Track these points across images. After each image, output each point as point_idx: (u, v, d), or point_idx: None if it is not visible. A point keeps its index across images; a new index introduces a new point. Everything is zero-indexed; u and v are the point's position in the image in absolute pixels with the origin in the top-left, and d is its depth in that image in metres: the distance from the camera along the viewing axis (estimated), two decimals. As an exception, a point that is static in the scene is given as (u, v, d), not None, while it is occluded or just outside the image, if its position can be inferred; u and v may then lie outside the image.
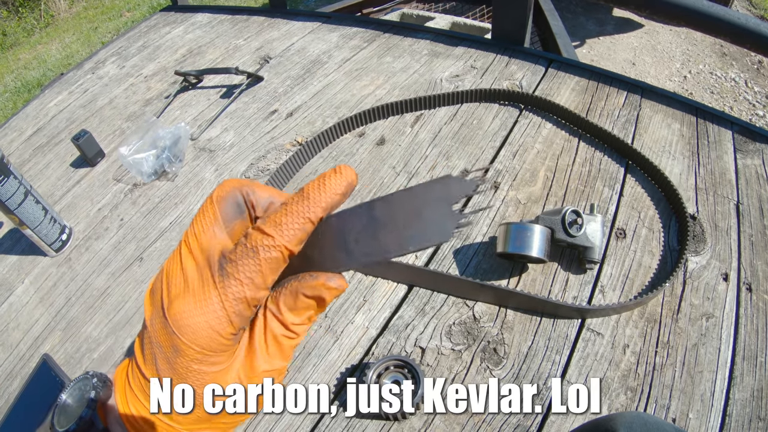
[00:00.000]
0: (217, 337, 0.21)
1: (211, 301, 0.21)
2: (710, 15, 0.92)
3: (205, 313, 0.21)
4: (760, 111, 2.36)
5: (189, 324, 0.21)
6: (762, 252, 0.74)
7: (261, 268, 0.21)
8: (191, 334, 0.21)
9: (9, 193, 0.79)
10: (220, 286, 0.21)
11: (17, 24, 4.15)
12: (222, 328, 0.21)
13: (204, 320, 0.21)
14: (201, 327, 0.21)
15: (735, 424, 0.57)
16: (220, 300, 0.21)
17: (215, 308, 0.21)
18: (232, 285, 0.21)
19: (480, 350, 0.65)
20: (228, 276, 0.22)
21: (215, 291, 0.21)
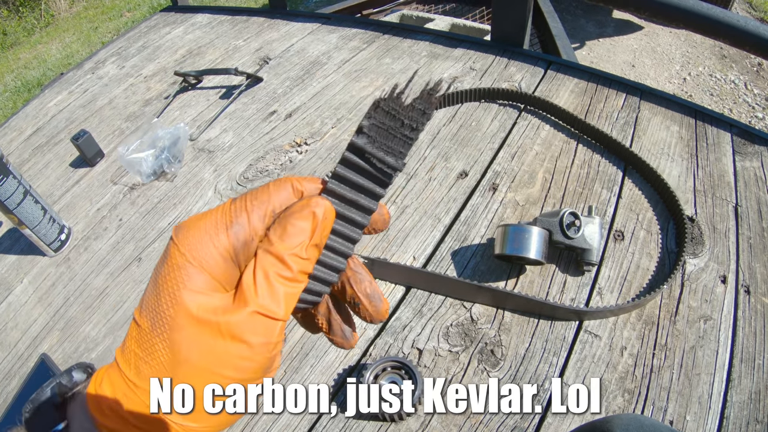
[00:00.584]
0: (212, 249, 0.21)
1: (212, 213, 0.22)
2: (710, 17, 0.92)
3: (203, 218, 0.22)
4: (759, 113, 2.36)
5: (188, 234, 0.21)
6: (760, 254, 0.74)
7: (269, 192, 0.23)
8: (188, 239, 0.21)
9: (8, 193, 0.79)
10: (225, 205, 0.23)
11: (17, 23, 4.15)
12: (217, 237, 0.21)
13: (202, 224, 0.21)
14: (197, 233, 0.21)
15: (732, 426, 0.57)
16: (221, 209, 0.22)
17: (214, 215, 0.22)
18: (236, 202, 0.22)
19: (477, 352, 0.65)
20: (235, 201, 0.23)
21: (219, 208, 0.22)
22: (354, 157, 0.22)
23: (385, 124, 0.22)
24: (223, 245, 0.21)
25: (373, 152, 0.22)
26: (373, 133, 0.22)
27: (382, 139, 0.22)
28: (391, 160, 0.22)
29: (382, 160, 0.22)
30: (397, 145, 0.22)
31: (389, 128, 0.22)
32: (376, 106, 0.22)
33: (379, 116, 0.22)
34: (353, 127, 1.05)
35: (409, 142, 0.22)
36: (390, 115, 0.22)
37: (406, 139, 0.22)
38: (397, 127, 0.22)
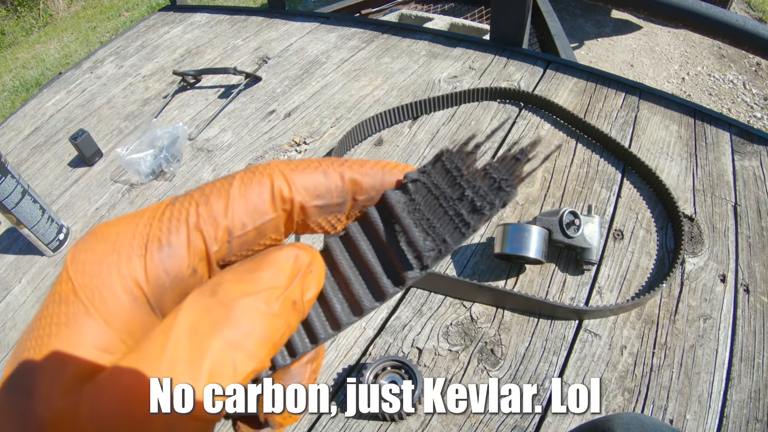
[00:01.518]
0: (115, 281, 0.13)
1: (133, 217, 0.14)
2: (709, 17, 0.92)
3: (119, 226, 0.14)
4: (758, 113, 2.36)
5: (87, 252, 0.13)
6: (759, 253, 0.74)
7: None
8: (84, 261, 0.13)
9: (6, 192, 0.79)
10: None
11: (16, 23, 4.14)
12: (128, 262, 0.13)
13: (112, 237, 0.14)
14: (100, 253, 0.13)
15: (732, 425, 0.57)
16: (147, 213, 0.14)
17: (133, 224, 0.14)
18: (174, 204, 0.14)
19: (477, 351, 0.65)
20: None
21: (147, 210, 0.15)
22: (377, 217, 0.16)
23: (438, 189, 0.15)
24: (133, 277, 0.13)
25: (405, 225, 0.15)
26: (418, 196, 0.15)
27: (427, 208, 0.15)
28: (423, 245, 0.15)
29: (412, 241, 0.15)
30: (442, 226, 0.15)
31: (441, 196, 0.15)
32: (437, 158, 0.16)
33: (436, 174, 0.15)
34: (353, 126, 1.05)
35: (461, 229, 0.15)
36: (450, 177, 0.15)
37: (459, 224, 0.15)
38: (452, 199, 0.15)
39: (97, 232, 0.14)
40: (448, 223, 0.15)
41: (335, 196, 0.15)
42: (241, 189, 0.14)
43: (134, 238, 0.13)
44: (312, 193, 0.15)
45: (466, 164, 0.15)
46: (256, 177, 0.14)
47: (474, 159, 0.15)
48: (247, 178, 0.14)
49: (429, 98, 1.02)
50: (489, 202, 0.14)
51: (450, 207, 0.15)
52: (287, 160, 0.15)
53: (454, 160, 0.15)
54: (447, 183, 0.15)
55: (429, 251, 0.15)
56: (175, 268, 0.13)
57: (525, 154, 0.15)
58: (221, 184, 0.14)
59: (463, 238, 0.15)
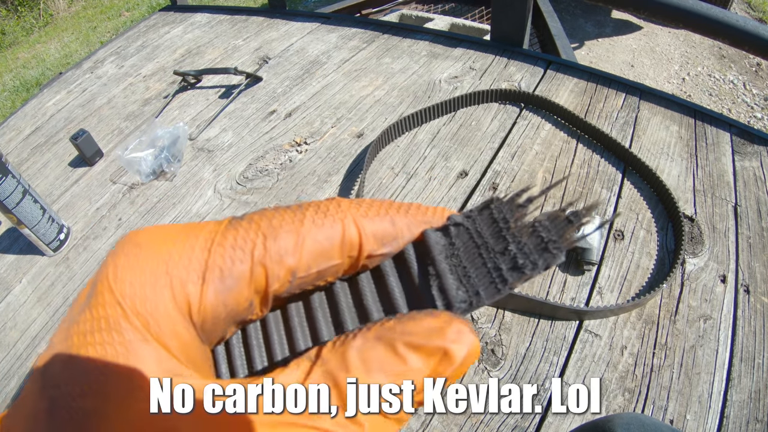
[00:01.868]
0: (169, 305, 0.12)
1: (188, 234, 0.13)
2: (709, 17, 0.92)
3: (169, 243, 0.13)
4: (758, 113, 2.36)
5: (134, 270, 0.13)
6: (760, 254, 0.74)
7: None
8: (132, 280, 0.12)
9: (7, 192, 0.79)
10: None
11: (16, 23, 4.14)
12: (184, 287, 0.12)
13: (163, 256, 0.13)
14: (150, 273, 0.12)
15: (732, 425, 0.57)
16: (204, 234, 0.13)
17: (190, 244, 0.13)
18: (237, 228, 0.13)
19: (478, 351, 0.65)
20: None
21: (203, 229, 0.14)
22: (412, 255, 0.15)
23: (481, 237, 0.14)
24: (188, 305, 0.12)
25: (440, 269, 0.14)
26: (458, 241, 0.14)
27: (466, 255, 0.14)
28: (455, 294, 0.14)
29: (445, 288, 0.14)
30: (478, 277, 0.14)
31: (483, 246, 0.14)
32: (486, 205, 0.15)
33: (481, 221, 0.15)
34: (353, 126, 1.05)
35: (497, 284, 0.14)
36: (495, 227, 0.14)
37: (496, 279, 0.14)
38: (493, 251, 0.14)
39: (143, 246, 0.13)
40: (485, 276, 0.14)
41: (400, 245, 0.15)
42: (312, 231, 0.13)
43: (190, 262, 0.13)
44: (380, 242, 0.14)
45: (514, 217, 0.14)
46: (328, 220, 0.14)
47: (524, 213, 0.14)
48: (318, 219, 0.14)
49: (458, 97, 1.02)
50: (532, 261, 0.13)
51: (490, 259, 0.14)
52: (356, 202, 0.15)
53: (503, 210, 0.14)
54: (491, 233, 0.14)
55: (460, 302, 0.14)
56: (234, 301, 0.13)
57: (579, 218, 0.13)
58: (291, 218, 0.14)
59: (497, 294, 0.14)
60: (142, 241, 0.13)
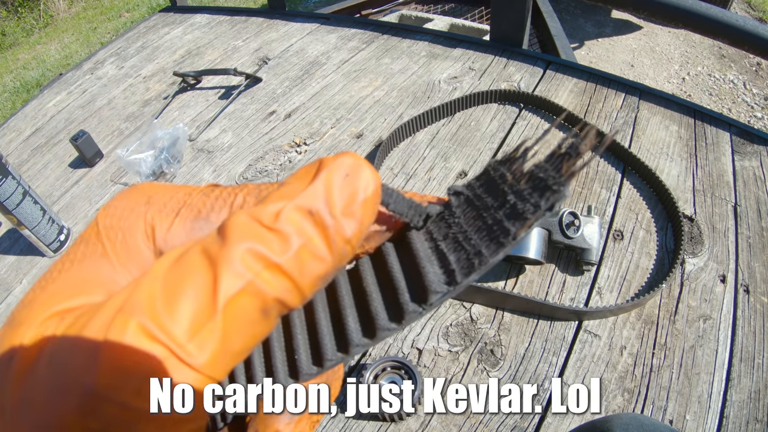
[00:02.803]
0: (139, 225, 0.13)
1: (184, 188, 0.14)
2: (709, 17, 0.92)
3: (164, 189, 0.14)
4: (758, 113, 2.36)
5: (124, 200, 0.14)
6: (759, 254, 0.74)
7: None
8: (118, 206, 0.14)
9: (7, 194, 0.79)
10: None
11: (16, 24, 4.15)
12: (161, 215, 0.13)
13: (153, 193, 0.14)
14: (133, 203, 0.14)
15: (732, 425, 0.57)
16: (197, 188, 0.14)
17: (181, 191, 0.14)
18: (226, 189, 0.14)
19: (477, 352, 0.65)
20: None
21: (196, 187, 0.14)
22: (413, 235, 0.14)
23: (481, 199, 0.14)
24: (155, 231, 0.13)
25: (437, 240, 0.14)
26: (459, 210, 0.14)
27: (467, 221, 0.14)
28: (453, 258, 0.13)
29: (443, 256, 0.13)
30: (481, 236, 0.13)
31: (483, 207, 0.13)
32: (484, 170, 0.14)
33: (480, 186, 0.14)
34: (352, 126, 1.05)
35: (499, 238, 0.13)
36: (493, 186, 0.14)
37: (497, 232, 0.13)
38: (493, 207, 0.13)
39: (136, 187, 0.14)
40: (486, 234, 0.13)
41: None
42: (297, 182, 0.13)
43: (171, 198, 0.13)
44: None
45: (512, 170, 0.13)
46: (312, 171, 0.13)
47: (521, 164, 0.13)
48: (305, 173, 0.13)
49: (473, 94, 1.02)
50: (533, 203, 0.12)
51: (490, 216, 0.13)
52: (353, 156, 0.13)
53: (501, 169, 0.13)
54: (490, 193, 0.13)
55: (462, 266, 0.13)
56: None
57: (576, 149, 0.12)
58: (278, 185, 0.13)
59: (501, 248, 0.12)
60: (137, 186, 0.14)
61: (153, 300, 0.10)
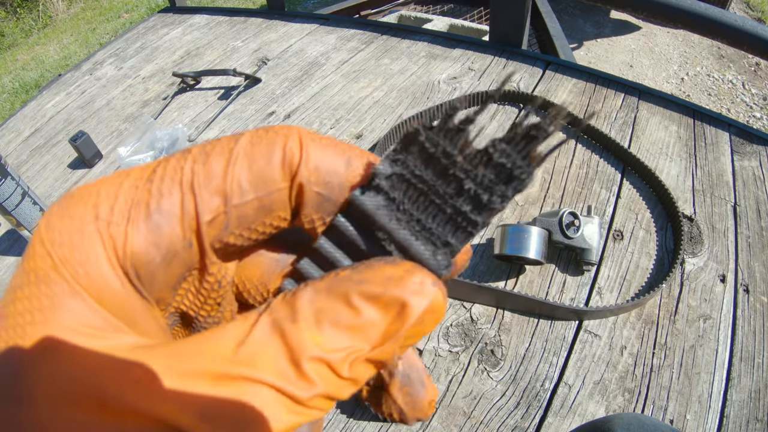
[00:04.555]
0: (98, 252, 0.11)
1: (119, 177, 0.12)
2: (707, 17, 0.92)
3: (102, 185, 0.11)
4: (757, 113, 2.36)
5: (63, 218, 0.11)
6: (759, 253, 0.74)
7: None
8: (60, 227, 0.11)
9: (6, 195, 0.79)
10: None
11: (15, 25, 4.14)
12: (113, 230, 0.11)
13: (92, 200, 0.11)
14: (77, 219, 0.11)
15: (732, 425, 0.57)
16: (134, 173, 0.12)
17: (118, 182, 0.11)
18: (164, 165, 0.12)
19: (477, 352, 0.65)
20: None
21: (134, 171, 0.12)
22: (349, 227, 0.12)
23: (424, 181, 0.12)
24: (116, 250, 0.11)
25: (390, 230, 0.12)
26: (397, 193, 0.12)
27: (415, 207, 0.12)
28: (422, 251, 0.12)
29: (403, 247, 0.12)
30: (442, 225, 0.12)
31: (431, 191, 0.12)
32: (412, 139, 0.12)
33: (414, 161, 0.12)
34: (351, 128, 1.05)
35: (467, 228, 0.12)
36: (437, 165, 0.12)
37: (462, 223, 0.12)
38: (447, 194, 0.12)
39: (75, 194, 0.11)
40: (448, 223, 0.12)
41: (345, 193, 0.12)
42: (246, 148, 0.11)
43: (116, 200, 0.11)
44: (321, 179, 0.12)
45: (457, 147, 0.11)
46: (269, 136, 0.12)
47: (467, 139, 0.11)
48: (257, 137, 0.12)
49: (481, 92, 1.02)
50: (499, 194, 0.11)
51: (447, 204, 0.11)
52: (313, 132, 0.12)
53: (440, 143, 0.11)
54: (435, 173, 0.11)
55: (430, 257, 0.11)
56: (167, 241, 0.11)
57: (543, 130, 0.11)
58: (227, 140, 0.12)
59: (470, 237, 0.12)
60: (76, 190, 0.11)
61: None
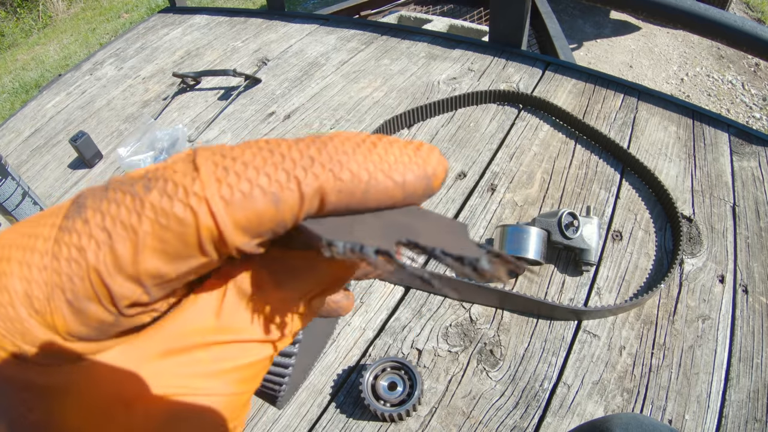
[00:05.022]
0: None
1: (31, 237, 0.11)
2: (707, 18, 0.92)
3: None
4: (756, 113, 2.36)
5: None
6: (758, 254, 0.74)
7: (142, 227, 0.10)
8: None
9: (7, 194, 0.79)
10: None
11: (15, 24, 4.14)
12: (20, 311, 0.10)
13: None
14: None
15: (731, 425, 0.57)
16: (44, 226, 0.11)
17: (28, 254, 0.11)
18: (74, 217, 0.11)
19: (477, 352, 0.65)
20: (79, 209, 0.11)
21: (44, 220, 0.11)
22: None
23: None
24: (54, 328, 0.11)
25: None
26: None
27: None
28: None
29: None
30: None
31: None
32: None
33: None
34: (352, 128, 1.05)
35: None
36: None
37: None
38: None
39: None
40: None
41: (287, 225, 0.11)
42: (155, 230, 0.10)
43: (30, 285, 0.11)
44: (252, 232, 0.11)
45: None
46: (176, 215, 0.10)
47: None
48: (163, 216, 0.10)
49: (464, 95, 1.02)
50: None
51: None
52: (224, 164, 0.11)
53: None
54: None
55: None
56: (96, 320, 0.11)
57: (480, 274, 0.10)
58: (127, 206, 0.10)
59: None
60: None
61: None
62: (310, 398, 0.63)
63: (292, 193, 0.11)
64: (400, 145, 0.12)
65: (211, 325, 0.12)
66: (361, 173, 0.11)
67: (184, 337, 0.12)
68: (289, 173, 0.11)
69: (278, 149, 0.11)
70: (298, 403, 0.62)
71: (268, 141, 0.11)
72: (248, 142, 0.11)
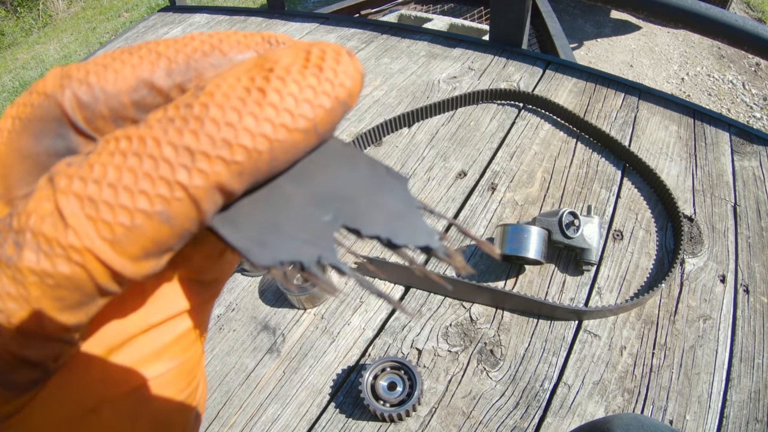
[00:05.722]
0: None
1: None
2: (708, 17, 0.92)
3: None
4: (757, 113, 2.36)
5: None
6: (759, 254, 0.74)
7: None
8: None
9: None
10: None
11: (15, 24, 4.14)
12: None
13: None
14: None
15: (732, 425, 0.57)
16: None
17: None
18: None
19: (477, 352, 0.65)
20: None
21: None
22: None
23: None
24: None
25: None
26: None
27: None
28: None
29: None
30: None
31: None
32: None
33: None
34: (351, 127, 1.05)
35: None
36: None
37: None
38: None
39: None
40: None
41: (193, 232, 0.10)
42: (46, 299, 0.09)
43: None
44: (154, 254, 0.10)
45: None
46: (60, 278, 0.09)
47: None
48: (49, 280, 0.09)
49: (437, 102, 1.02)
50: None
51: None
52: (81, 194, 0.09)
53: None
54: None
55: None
56: (29, 382, 0.10)
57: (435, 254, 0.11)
58: (12, 287, 0.09)
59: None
60: None
61: None
62: (310, 398, 0.62)
63: (182, 204, 0.09)
64: (296, 74, 0.10)
65: (140, 312, 0.12)
66: (258, 144, 0.09)
67: (119, 332, 0.12)
68: (170, 181, 0.09)
69: (144, 150, 0.09)
70: (297, 403, 0.62)
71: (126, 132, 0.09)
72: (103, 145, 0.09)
